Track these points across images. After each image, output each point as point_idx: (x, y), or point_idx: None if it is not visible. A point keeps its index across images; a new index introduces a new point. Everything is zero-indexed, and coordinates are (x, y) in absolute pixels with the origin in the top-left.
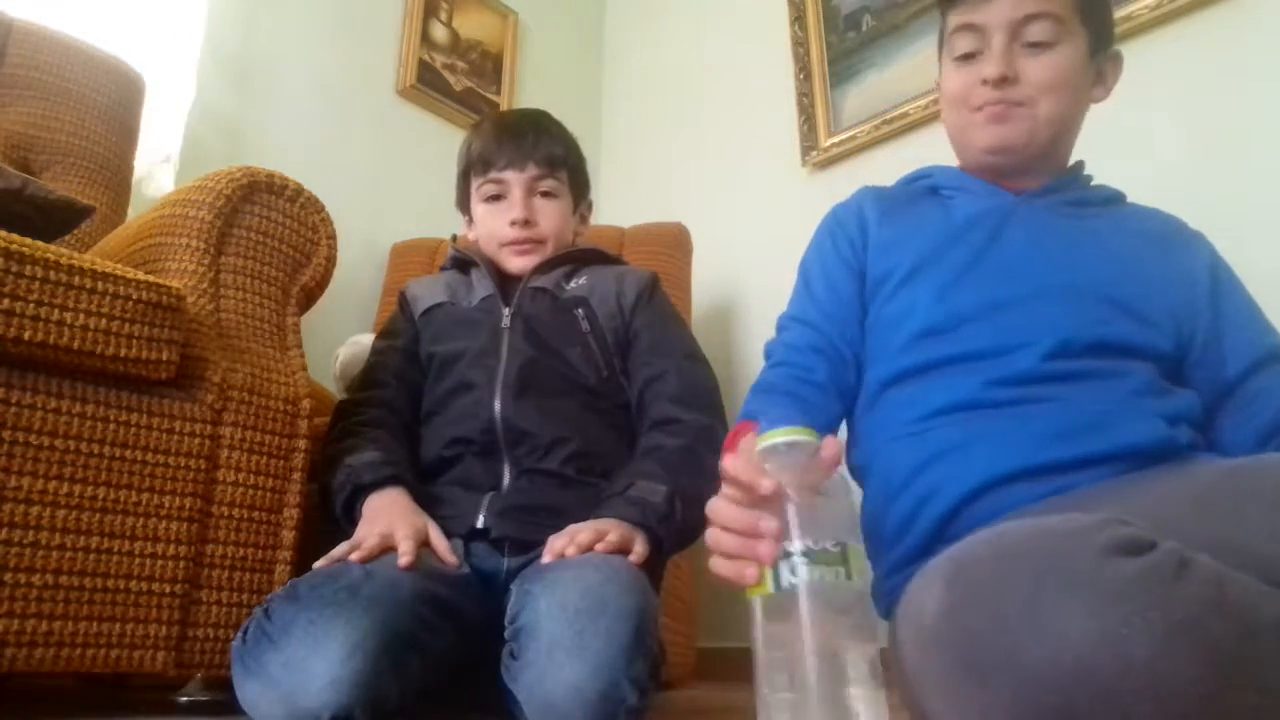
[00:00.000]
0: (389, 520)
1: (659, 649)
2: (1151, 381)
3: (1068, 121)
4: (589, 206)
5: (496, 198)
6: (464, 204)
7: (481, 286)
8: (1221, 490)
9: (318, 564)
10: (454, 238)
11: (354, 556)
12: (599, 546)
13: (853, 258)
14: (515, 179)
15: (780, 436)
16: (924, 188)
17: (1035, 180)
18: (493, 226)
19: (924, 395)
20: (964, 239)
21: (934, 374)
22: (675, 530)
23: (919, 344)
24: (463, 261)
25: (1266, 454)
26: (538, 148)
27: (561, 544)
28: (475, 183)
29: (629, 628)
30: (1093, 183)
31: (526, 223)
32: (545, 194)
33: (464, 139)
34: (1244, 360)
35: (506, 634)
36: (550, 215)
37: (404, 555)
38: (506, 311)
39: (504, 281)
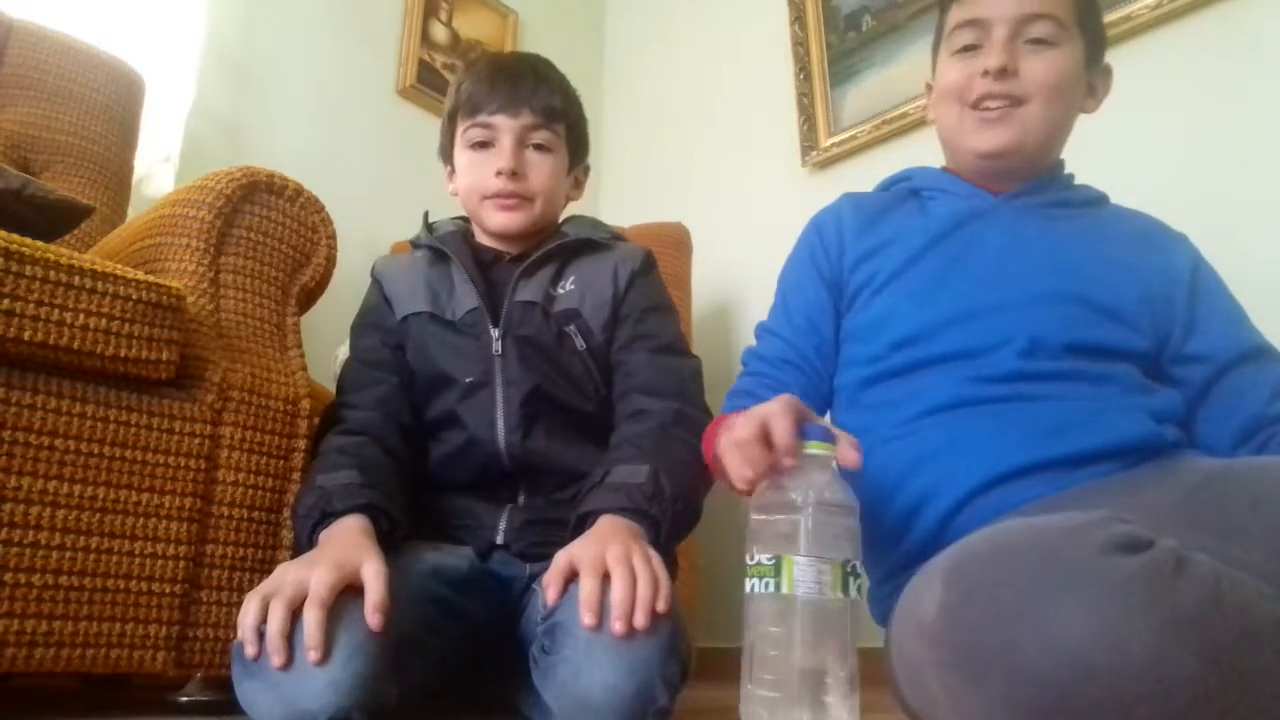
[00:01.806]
0: (312, 560)
1: (688, 650)
2: (1135, 380)
3: (1060, 126)
4: (585, 170)
5: (483, 145)
6: (447, 152)
7: (464, 294)
8: (1213, 494)
9: (235, 641)
10: (426, 215)
11: (268, 638)
12: (615, 600)
13: (829, 270)
14: (506, 125)
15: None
16: (905, 190)
17: (1018, 182)
18: (476, 177)
19: (907, 397)
20: (941, 244)
21: (915, 376)
22: (668, 508)
23: (898, 350)
24: (436, 250)
25: (1258, 457)
26: (535, 95)
27: (590, 620)
28: (461, 127)
29: (667, 628)
30: (1076, 182)
31: (514, 174)
32: (538, 147)
33: (455, 79)
34: (1221, 357)
35: (540, 629)
36: (541, 170)
37: (308, 627)
38: (495, 333)
39: (487, 281)
